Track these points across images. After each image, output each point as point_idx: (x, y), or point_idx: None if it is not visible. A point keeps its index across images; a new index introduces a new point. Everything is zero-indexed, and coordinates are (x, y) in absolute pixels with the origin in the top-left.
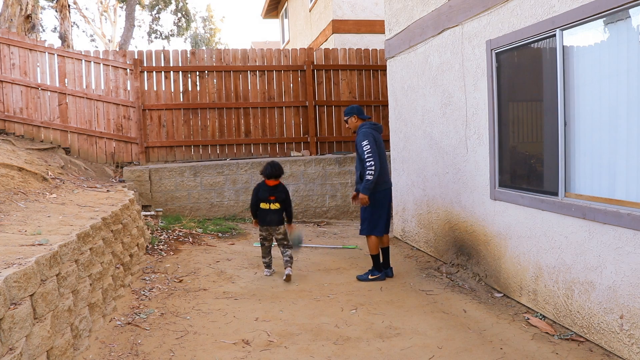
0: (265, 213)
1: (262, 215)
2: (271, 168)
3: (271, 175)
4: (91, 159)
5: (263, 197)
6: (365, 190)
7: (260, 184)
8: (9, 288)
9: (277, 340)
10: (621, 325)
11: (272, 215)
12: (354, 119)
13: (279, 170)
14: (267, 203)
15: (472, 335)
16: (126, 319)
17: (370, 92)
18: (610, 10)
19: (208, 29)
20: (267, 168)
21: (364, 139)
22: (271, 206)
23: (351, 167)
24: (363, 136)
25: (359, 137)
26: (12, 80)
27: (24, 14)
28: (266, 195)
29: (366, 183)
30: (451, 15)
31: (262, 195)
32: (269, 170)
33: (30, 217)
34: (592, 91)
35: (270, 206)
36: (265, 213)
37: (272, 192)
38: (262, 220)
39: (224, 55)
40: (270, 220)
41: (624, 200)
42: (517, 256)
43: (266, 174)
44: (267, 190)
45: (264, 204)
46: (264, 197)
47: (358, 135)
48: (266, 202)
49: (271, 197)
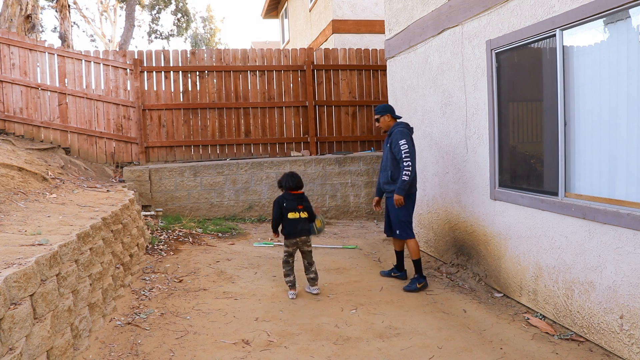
0: (296, 223)
1: (291, 226)
2: (294, 179)
3: (296, 187)
4: (91, 159)
5: (291, 206)
6: (401, 190)
7: (284, 196)
8: (9, 288)
9: (277, 340)
10: (621, 325)
11: (303, 224)
12: (387, 118)
13: (301, 181)
14: (297, 212)
15: (472, 335)
16: (126, 319)
17: (370, 92)
18: (610, 10)
19: (208, 29)
20: (290, 180)
21: (401, 138)
22: (301, 215)
23: (351, 167)
24: (401, 135)
25: (395, 136)
26: (12, 80)
27: (24, 14)
28: (294, 205)
29: (402, 184)
30: (451, 15)
31: (289, 205)
32: (293, 181)
33: (30, 217)
34: (592, 91)
35: (300, 215)
36: (295, 223)
37: (300, 200)
38: (291, 232)
39: (224, 55)
40: (302, 229)
41: (624, 200)
42: (517, 256)
43: (290, 186)
44: (294, 199)
45: (292, 214)
46: (293, 207)
47: (394, 134)
48: (295, 212)
49: (300, 207)
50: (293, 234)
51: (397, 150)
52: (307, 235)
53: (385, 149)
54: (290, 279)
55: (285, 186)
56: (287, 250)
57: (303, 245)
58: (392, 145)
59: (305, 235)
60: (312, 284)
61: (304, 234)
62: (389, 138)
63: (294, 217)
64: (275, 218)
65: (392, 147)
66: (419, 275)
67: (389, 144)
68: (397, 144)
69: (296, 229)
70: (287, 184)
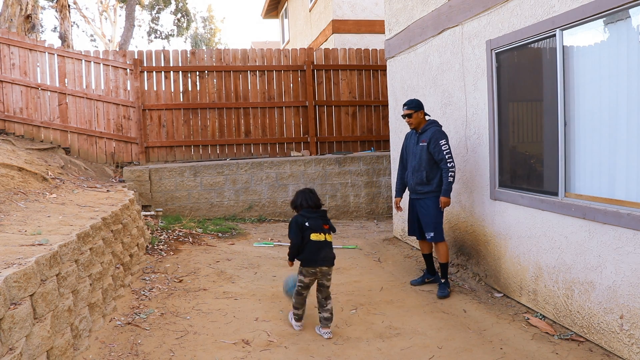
0: (319, 247)
1: (313, 251)
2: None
3: (316, 205)
4: (91, 159)
5: (316, 226)
6: (448, 192)
7: (304, 214)
8: (9, 288)
9: (277, 340)
10: (621, 325)
11: (328, 249)
12: (421, 115)
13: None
14: (322, 233)
15: (472, 335)
16: (126, 319)
17: (370, 92)
18: (610, 10)
19: (208, 29)
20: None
21: (442, 138)
22: (327, 237)
23: (351, 167)
24: (441, 135)
25: (436, 135)
26: (12, 80)
27: (24, 14)
28: (319, 224)
29: (449, 185)
30: (451, 15)
31: (313, 224)
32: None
33: (30, 217)
34: (592, 91)
35: (326, 237)
36: (318, 247)
37: (325, 219)
38: (312, 259)
39: (224, 55)
40: (326, 256)
41: (624, 200)
42: (517, 256)
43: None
44: (319, 217)
45: (316, 235)
46: (317, 226)
47: (434, 134)
48: (320, 233)
49: (325, 226)
50: (314, 262)
51: (437, 151)
52: (331, 264)
53: (416, 149)
54: (299, 313)
55: (303, 205)
56: (303, 282)
57: (323, 277)
58: (430, 144)
59: (328, 264)
60: (325, 326)
61: (327, 263)
62: (420, 136)
63: (318, 239)
64: (296, 244)
65: (431, 147)
66: (446, 279)
67: (425, 144)
68: (437, 144)
69: (318, 256)
70: (304, 202)
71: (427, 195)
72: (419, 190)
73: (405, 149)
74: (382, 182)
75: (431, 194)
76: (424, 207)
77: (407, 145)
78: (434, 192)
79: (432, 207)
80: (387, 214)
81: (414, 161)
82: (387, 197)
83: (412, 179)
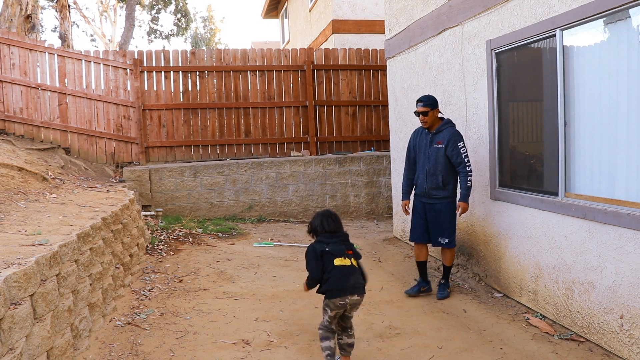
0: (347, 273)
1: (339, 278)
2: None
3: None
4: (91, 159)
5: (337, 250)
6: (467, 197)
7: (321, 239)
8: (9, 288)
9: (277, 340)
10: (621, 325)
11: (356, 276)
12: (437, 113)
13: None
14: (347, 258)
15: (472, 335)
16: (126, 319)
17: (370, 92)
18: (610, 10)
19: (208, 29)
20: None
21: (460, 140)
22: (353, 262)
23: (351, 167)
24: (459, 137)
25: (455, 137)
26: (12, 80)
27: (24, 14)
28: (341, 249)
29: (468, 190)
30: (451, 15)
31: (334, 248)
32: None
33: (30, 217)
34: (592, 91)
35: (352, 261)
36: (345, 274)
37: (347, 243)
38: (340, 288)
39: (224, 55)
40: (355, 283)
41: (624, 200)
42: (517, 256)
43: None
44: (340, 241)
45: (340, 260)
46: (339, 251)
47: (453, 135)
48: (344, 257)
49: (349, 251)
50: (341, 291)
51: (455, 154)
52: (362, 292)
53: (431, 150)
54: (330, 345)
55: (320, 230)
56: (330, 317)
57: (352, 308)
58: (448, 147)
59: (359, 292)
60: (347, 354)
61: (358, 291)
62: (434, 137)
63: (343, 264)
64: (315, 277)
65: (449, 150)
66: (447, 280)
67: (442, 145)
68: (456, 146)
69: (347, 283)
70: (320, 227)
71: (442, 201)
72: (433, 195)
73: (414, 148)
74: (382, 182)
75: (447, 199)
76: (438, 212)
77: (416, 145)
78: (449, 197)
79: (447, 212)
80: (387, 214)
81: (428, 163)
82: (387, 197)
83: (425, 183)
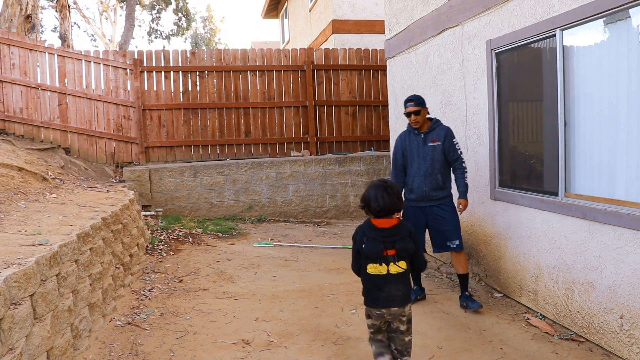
0: (381, 283)
1: (372, 287)
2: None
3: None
4: (91, 159)
5: (372, 252)
6: (466, 194)
7: (365, 228)
8: (9, 288)
9: (277, 340)
10: (621, 325)
11: (393, 284)
12: (426, 112)
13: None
14: (383, 263)
15: (472, 335)
16: (126, 319)
17: (370, 92)
18: (610, 10)
19: (208, 29)
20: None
21: (454, 136)
22: (391, 268)
23: (351, 167)
24: (452, 133)
25: (450, 133)
26: (12, 80)
27: (24, 14)
28: (378, 248)
29: (466, 187)
30: (451, 15)
31: (370, 249)
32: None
33: (30, 217)
34: (592, 91)
35: (390, 268)
36: (378, 283)
37: (390, 237)
38: (373, 298)
39: (224, 55)
40: (389, 296)
41: (624, 200)
42: (517, 256)
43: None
44: (381, 235)
45: (374, 267)
46: (375, 253)
47: (448, 132)
48: (379, 262)
49: (390, 251)
50: (375, 301)
51: (452, 150)
52: (402, 304)
53: (425, 150)
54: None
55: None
56: (373, 325)
57: (394, 320)
58: (445, 143)
59: (398, 304)
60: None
61: (396, 303)
62: (427, 135)
63: (377, 272)
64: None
65: (446, 146)
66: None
67: (439, 143)
68: (451, 142)
69: (379, 295)
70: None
71: (443, 201)
72: (434, 197)
73: (403, 152)
74: None
75: (447, 199)
76: (441, 214)
77: (406, 148)
78: (449, 196)
79: (451, 212)
80: None
81: (424, 164)
82: None
83: (424, 185)
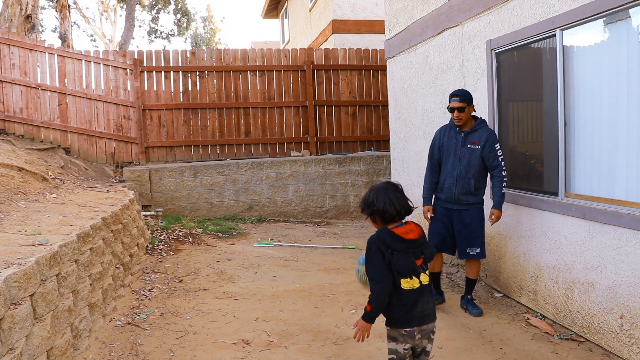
0: (415, 298)
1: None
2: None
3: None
4: (91, 159)
5: (403, 266)
6: (501, 204)
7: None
8: (9, 288)
9: (277, 340)
10: (621, 325)
11: (428, 297)
12: (472, 110)
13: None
14: (414, 276)
15: (472, 335)
16: (126, 319)
17: (370, 92)
18: (610, 10)
19: (208, 29)
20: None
21: (497, 141)
22: (422, 279)
23: (351, 167)
24: (496, 138)
25: (493, 137)
26: (12, 80)
27: (24, 14)
28: (409, 260)
29: (503, 197)
30: (451, 15)
31: (400, 264)
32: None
33: (30, 217)
34: (592, 91)
35: (421, 280)
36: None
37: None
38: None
39: (224, 55)
40: (424, 309)
41: (624, 200)
42: (517, 256)
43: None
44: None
45: (407, 281)
46: (406, 267)
47: (490, 136)
48: (411, 275)
49: (419, 261)
50: (409, 320)
51: (492, 156)
52: (435, 318)
53: (463, 151)
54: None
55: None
56: (397, 353)
57: (424, 337)
58: (485, 148)
59: (432, 319)
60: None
61: (431, 318)
62: (468, 136)
63: (412, 286)
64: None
65: (486, 151)
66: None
67: (478, 146)
68: (493, 148)
69: (414, 311)
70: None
71: (472, 207)
72: (463, 201)
73: (440, 148)
74: None
75: (477, 205)
76: (468, 219)
77: (444, 145)
78: (480, 203)
79: (479, 219)
80: None
81: (460, 166)
82: None
83: (454, 187)
